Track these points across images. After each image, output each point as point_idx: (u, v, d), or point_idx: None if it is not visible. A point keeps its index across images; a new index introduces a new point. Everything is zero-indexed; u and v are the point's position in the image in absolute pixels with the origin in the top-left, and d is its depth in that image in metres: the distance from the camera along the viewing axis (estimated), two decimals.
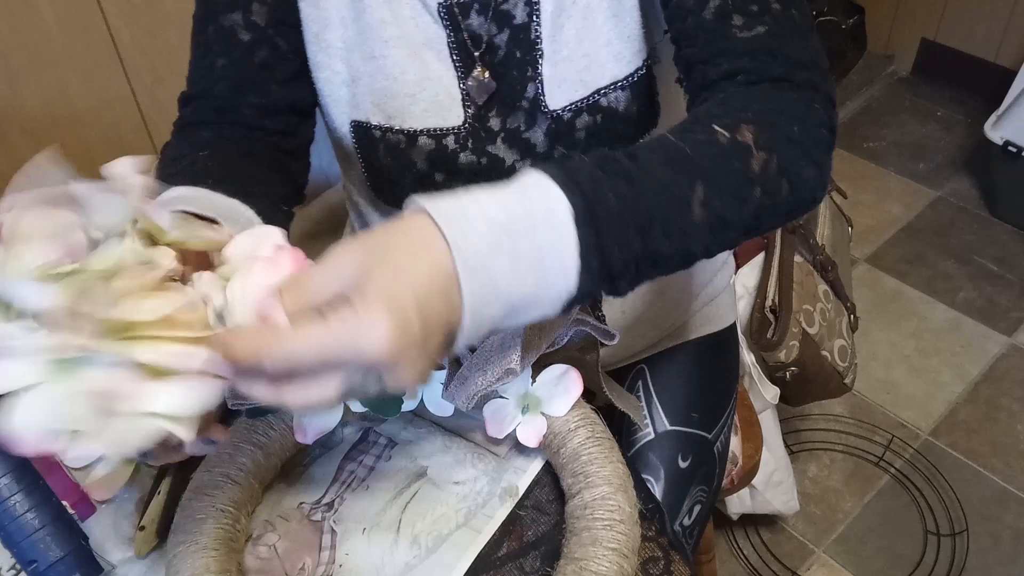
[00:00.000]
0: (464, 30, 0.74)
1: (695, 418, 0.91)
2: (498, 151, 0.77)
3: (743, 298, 1.11)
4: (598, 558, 0.56)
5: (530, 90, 0.75)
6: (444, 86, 0.75)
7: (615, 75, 0.73)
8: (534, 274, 0.49)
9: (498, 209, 0.49)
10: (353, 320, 0.44)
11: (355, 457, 0.68)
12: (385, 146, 0.77)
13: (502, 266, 0.48)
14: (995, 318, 1.83)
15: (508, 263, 0.48)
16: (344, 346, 0.44)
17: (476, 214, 0.48)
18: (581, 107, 0.74)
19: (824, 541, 1.50)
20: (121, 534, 0.64)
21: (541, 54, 0.74)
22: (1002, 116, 1.92)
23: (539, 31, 0.73)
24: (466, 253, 0.47)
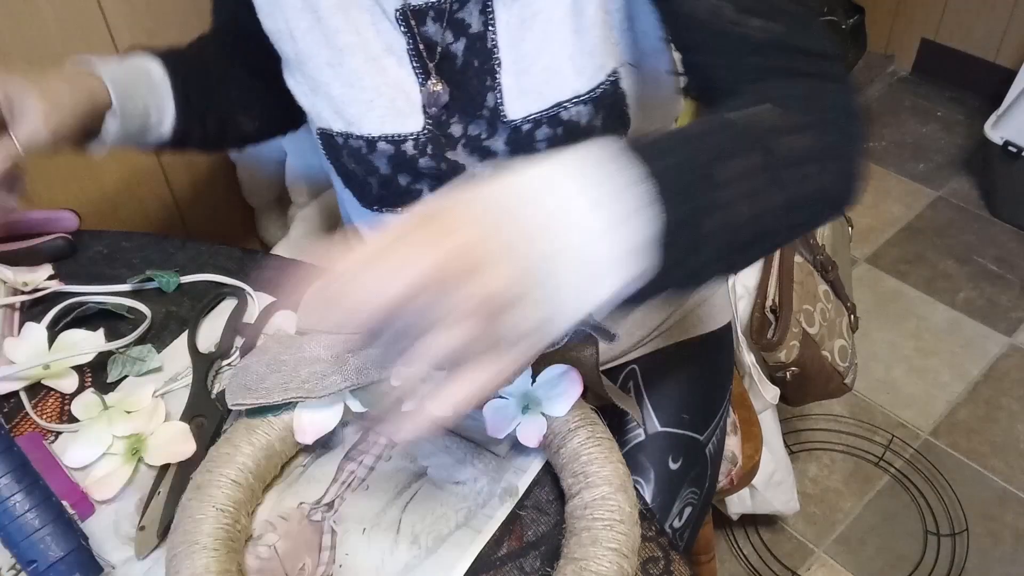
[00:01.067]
0: (419, 37, 0.74)
1: (686, 419, 0.91)
2: (457, 157, 0.76)
3: (743, 298, 1.11)
4: (598, 558, 0.56)
5: (490, 99, 0.74)
6: (404, 92, 0.75)
7: (577, 89, 0.72)
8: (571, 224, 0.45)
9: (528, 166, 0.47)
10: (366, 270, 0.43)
11: (355, 457, 0.68)
12: (348, 152, 0.78)
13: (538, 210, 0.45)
14: (995, 318, 1.83)
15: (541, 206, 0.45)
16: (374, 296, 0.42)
17: (508, 174, 0.47)
18: (541, 119, 0.73)
19: (824, 541, 1.50)
20: (121, 534, 0.64)
21: (499, 63, 0.73)
22: (1002, 116, 1.92)
23: (495, 40, 0.72)
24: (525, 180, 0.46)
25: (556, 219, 0.45)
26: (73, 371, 0.75)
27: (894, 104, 2.40)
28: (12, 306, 0.81)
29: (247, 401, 0.65)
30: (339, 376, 0.66)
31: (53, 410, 0.73)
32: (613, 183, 0.46)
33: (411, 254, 0.42)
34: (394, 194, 0.79)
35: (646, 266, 0.47)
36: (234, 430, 0.65)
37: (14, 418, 0.72)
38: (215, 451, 0.64)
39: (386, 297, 0.42)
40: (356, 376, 0.66)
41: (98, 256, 0.88)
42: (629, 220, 0.46)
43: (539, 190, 0.46)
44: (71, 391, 0.74)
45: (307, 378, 0.66)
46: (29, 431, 0.71)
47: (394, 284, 0.42)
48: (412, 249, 0.43)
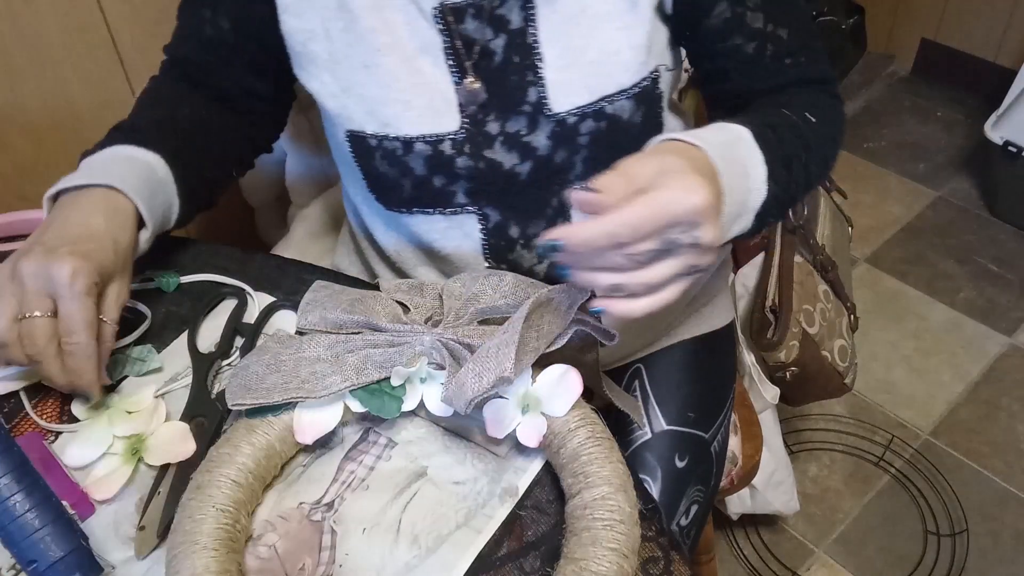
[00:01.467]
0: (459, 34, 0.74)
1: (692, 418, 0.91)
2: (495, 155, 0.77)
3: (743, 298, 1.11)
4: (598, 558, 0.56)
5: (532, 94, 0.75)
6: (440, 91, 0.75)
7: (622, 83, 0.74)
8: (743, 179, 0.65)
9: (712, 135, 0.64)
10: (676, 184, 0.54)
11: (355, 457, 0.68)
12: (382, 154, 0.77)
13: (730, 168, 0.62)
14: (995, 318, 1.83)
15: (731, 167, 0.62)
16: (676, 199, 0.53)
17: (703, 135, 0.63)
18: (587, 112, 0.74)
19: (824, 541, 1.50)
20: (121, 534, 0.64)
21: (540, 58, 0.74)
22: (1002, 116, 1.92)
23: (536, 35, 0.73)
24: (714, 156, 0.61)
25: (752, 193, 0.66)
26: None
27: (894, 104, 2.40)
28: None
29: (247, 401, 0.65)
30: (339, 376, 0.66)
31: (53, 410, 0.73)
32: (762, 167, 0.67)
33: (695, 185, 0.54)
34: (427, 195, 0.79)
35: (745, 227, 0.68)
36: (234, 430, 0.65)
37: (14, 418, 0.72)
38: (215, 451, 0.64)
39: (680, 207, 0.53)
40: (356, 376, 0.66)
41: None
42: (764, 185, 0.67)
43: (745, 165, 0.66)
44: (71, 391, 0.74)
45: (307, 378, 0.66)
46: (29, 431, 0.71)
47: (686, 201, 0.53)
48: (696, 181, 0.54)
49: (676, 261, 0.56)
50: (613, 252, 0.54)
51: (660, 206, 0.53)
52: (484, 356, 0.62)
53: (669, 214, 0.53)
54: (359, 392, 0.67)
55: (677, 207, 0.53)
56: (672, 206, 0.53)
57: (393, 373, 0.67)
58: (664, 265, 0.55)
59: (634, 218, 0.53)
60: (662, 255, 0.55)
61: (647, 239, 0.54)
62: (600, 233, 0.53)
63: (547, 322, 0.65)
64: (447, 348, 0.67)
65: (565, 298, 0.66)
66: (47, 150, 1.19)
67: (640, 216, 0.53)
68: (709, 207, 0.54)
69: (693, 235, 0.54)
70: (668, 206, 0.53)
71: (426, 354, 0.68)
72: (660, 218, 0.53)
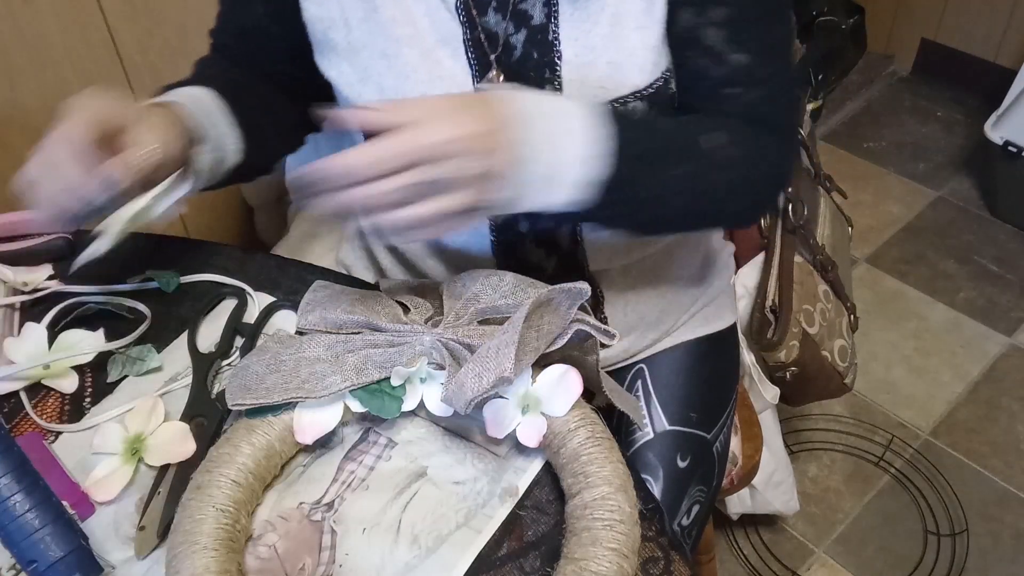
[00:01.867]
0: (480, 27, 0.74)
1: (694, 418, 0.91)
2: None
3: (743, 298, 1.11)
4: (598, 558, 0.56)
5: (548, 92, 0.75)
6: (457, 84, 0.75)
7: (637, 85, 0.73)
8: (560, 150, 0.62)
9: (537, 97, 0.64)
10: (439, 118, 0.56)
11: (355, 457, 0.68)
12: None
13: (541, 130, 0.61)
14: (995, 318, 1.83)
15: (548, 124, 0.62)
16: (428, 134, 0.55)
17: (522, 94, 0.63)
18: None
19: (824, 541, 1.50)
20: (121, 534, 0.64)
21: (560, 56, 0.74)
22: (1002, 116, 1.92)
23: (557, 32, 0.73)
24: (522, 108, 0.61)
25: (557, 139, 0.62)
26: (73, 371, 0.75)
27: (894, 104, 2.40)
28: (12, 306, 0.81)
29: (247, 401, 0.65)
30: (339, 376, 0.66)
31: (53, 410, 0.73)
32: (600, 133, 0.63)
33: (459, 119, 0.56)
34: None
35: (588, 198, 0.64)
36: (234, 430, 0.65)
37: (14, 418, 0.72)
38: (215, 451, 0.64)
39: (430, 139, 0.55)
40: (356, 376, 0.66)
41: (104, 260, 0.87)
42: (595, 162, 0.63)
43: (558, 114, 0.63)
44: (71, 391, 0.74)
45: (307, 378, 0.66)
46: (29, 431, 0.71)
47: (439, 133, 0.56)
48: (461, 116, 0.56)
49: (451, 198, 0.58)
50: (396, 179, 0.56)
51: (416, 134, 0.55)
52: (484, 356, 0.62)
53: (425, 143, 0.55)
54: (359, 392, 0.67)
55: (433, 136, 0.55)
56: (427, 135, 0.55)
57: (393, 373, 0.67)
58: (436, 202, 0.57)
59: (393, 145, 0.55)
60: (434, 190, 0.57)
61: (408, 169, 0.56)
62: (360, 160, 0.55)
63: (547, 322, 0.65)
64: (447, 348, 0.67)
65: (565, 298, 0.66)
66: None
67: (399, 143, 0.55)
68: (468, 138, 0.56)
69: (460, 165, 0.56)
70: (423, 135, 0.55)
71: (426, 354, 0.68)
72: (416, 147, 0.55)
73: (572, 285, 0.65)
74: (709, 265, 0.96)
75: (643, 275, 0.88)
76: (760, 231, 1.12)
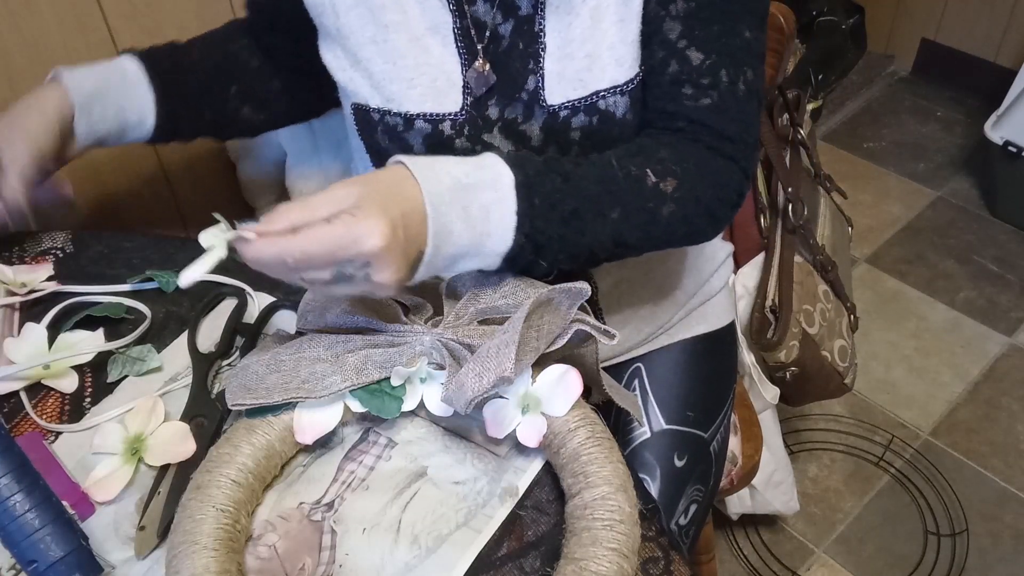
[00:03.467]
0: (469, 16, 0.75)
1: (691, 417, 0.91)
2: (494, 140, 0.77)
3: (743, 298, 1.11)
4: (598, 558, 0.56)
5: (531, 83, 0.75)
6: (445, 72, 0.76)
7: (615, 79, 0.73)
8: (481, 224, 0.62)
9: (458, 169, 0.62)
10: (357, 220, 0.56)
11: (355, 457, 0.68)
12: (383, 128, 0.78)
13: (457, 212, 0.61)
14: (995, 318, 1.83)
15: (461, 210, 0.61)
16: (348, 240, 0.56)
17: (442, 169, 0.62)
18: (579, 106, 0.74)
19: (824, 541, 1.50)
20: (121, 534, 0.64)
21: (544, 47, 0.74)
22: (1002, 116, 1.92)
23: (543, 24, 0.74)
24: (432, 195, 0.60)
25: (490, 238, 0.63)
26: (73, 371, 0.75)
27: (894, 104, 2.40)
28: (12, 306, 0.81)
29: (247, 401, 0.65)
30: (339, 376, 0.66)
31: (53, 410, 0.73)
32: (512, 217, 0.63)
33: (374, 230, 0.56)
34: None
35: (516, 261, 0.65)
36: (234, 430, 0.65)
37: (14, 418, 0.72)
38: (215, 451, 0.64)
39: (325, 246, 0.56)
40: (356, 376, 0.66)
41: (98, 256, 0.88)
42: (514, 233, 0.64)
43: (486, 211, 0.62)
44: (71, 391, 0.74)
45: (307, 378, 0.66)
46: (29, 431, 0.71)
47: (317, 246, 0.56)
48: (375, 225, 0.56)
49: (350, 287, 0.60)
50: (287, 273, 0.58)
51: (331, 241, 0.56)
52: (484, 356, 0.62)
53: (339, 251, 0.56)
54: (359, 392, 0.67)
55: (349, 248, 0.56)
56: (343, 245, 0.56)
57: (393, 373, 0.67)
58: (338, 289, 0.60)
59: (303, 247, 0.56)
60: (338, 281, 0.59)
61: (318, 269, 0.58)
62: (270, 254, 0.57)
63: (547, 322, 0.65)
64: (447, 348, 0.67)
65: (565, 298, 0.66)
66: None
67: (309, 247, 0.56)
68: (379, 252, 0.56)
69: (366, 272, 0.58)
70: (339, 243, 0.56)
71: (426, 354, 0.68)
72: (330, 252, 0.56)
73: (572, 285, 0.65)
74: (706, 262, 0.96)
75: (638, 267, 0.88)
76: (760, 231, 1.12)
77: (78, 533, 0.60)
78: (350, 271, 0.58)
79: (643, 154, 0.70)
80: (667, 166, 0.69)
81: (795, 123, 1.15)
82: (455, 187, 0.61)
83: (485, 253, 0.64)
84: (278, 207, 0.58)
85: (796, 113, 1.15)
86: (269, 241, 0.57)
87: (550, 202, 0.64)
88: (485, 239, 0.63)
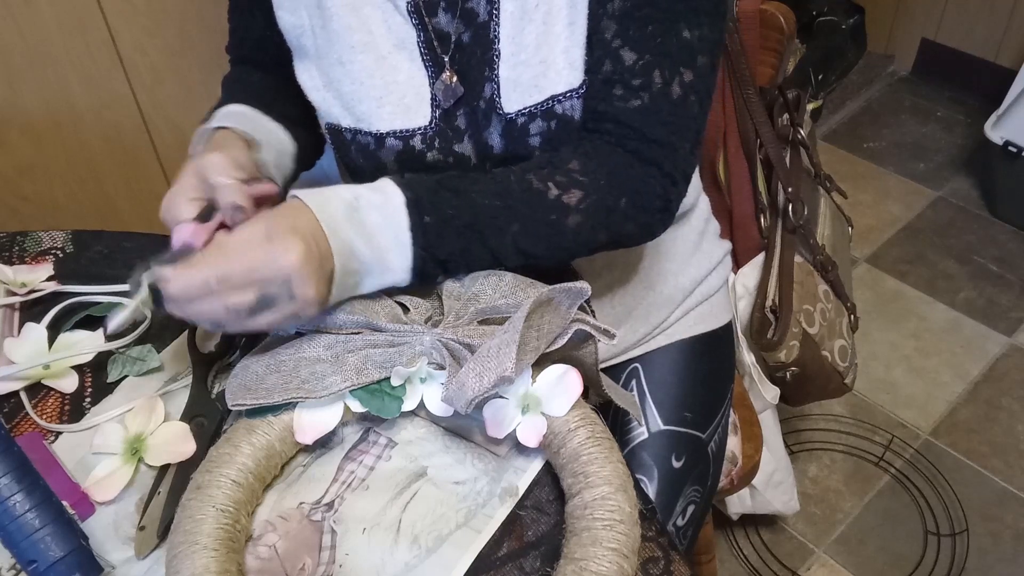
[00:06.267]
0: (431, 28, 0.74)
1: (689, 418, 0.91)
2: (464, 150, 0.77)
3: (743, 298, 1.11)
4: (598, 558, 0.56)
5: (487, 90, 0.74)
6: (413, 87, 0.76)
7: (570, 82, 0.72)
8: (377, 242, 0.65)
9: (349, 193, 0.66)
10: (271, 241, 0.60)
11: (355, 457, 0.68)
12: (356, 147, 0.78)
13: (354, 231, 0.64)
14: (995, 318, 1.83)
15: (359, 226, 0.65)
16: (267, 259, 0.59)
17: (332, 195, 0.65)
18: (535, 112, 0.73)
19: (824, 541, 1.50)
20: (121, 534, 0.64)
21: (498, 54, 0.73)
22: (1002, 116, 1.92)
23: (497, 31, 0.73)
24: (326, 215, 0.63)
25: (390, 253, 0.66)
26: (73, 371, 0.75)
27: (894, 104, 2.40)
28: (12, 306, 0.81)
29: (247, 401, 0.65)
30: (339, 376, 0.66)
31: (53, 410, 0.73)
32: (406, 234, 0.66)
33: (287, 247, 0.60)
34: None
35: (401, 281, 0.68)
36: (234, 430, 0.65)
37: (14, 418, 0.72)
38: (215, 451, 0.64)
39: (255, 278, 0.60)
40: (356, 376, 0.66)
41: (98, 256, 0.88)
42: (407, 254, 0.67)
43: (379, 228, 0.66)
44: (71, 391, 0.74)
45: (307, 378, 0.66)
46: (29, 431, 0.71)
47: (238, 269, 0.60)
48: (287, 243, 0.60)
49: (274, 314, 0.62)
50: (212, 301, 0.60)
51: (249, 259, 0.60)
52: (484, 356, 0.62)
53: (260, 268, 0.59)
54: (359, 392, 0.67)
55: (268, 266, 0.59)
56: (263, 263, 0.59)
57: (393, 373, 0.67)
58: (263, 317, 0.62)
59: (223, 267, 0.59)
60: (262, 307, 0.61)
61: (241, 291, 0.60)
62: (193, 281, 0.59)
63: (547, 322, 0.65)
64: (447, 348, 0.67)
65: (565, 298, 0.66)
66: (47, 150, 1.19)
67: (228, 266, 0.59)
68: (298, 266, 0.59)
69: (288, 290, 0.61)
70: (258, 261, 0.60)
71: (426, 354, 0.68)
72: (249, 272, 0.59)
73: (572, 285, 0.65)
74: (702, 259, 0.96)
75: (628, 266, 0.88)
76: (760, 231, 1.12)
77: (78, 533, 0.60)
78: (273, 290, 0.61)
79: (551, 166, 0.70)
80: (572, 177, 0.69)
81: (795, 123, 1.15)
82: (347, 208, 0.65)
83: (393, 268, 0.67)
84: (197, 255, 0.62)
85: (796, 113, 1.15)
86: (190, 270, 0.60)
87: (442, 217, 0.67)
88: (387, 254, 0.66)
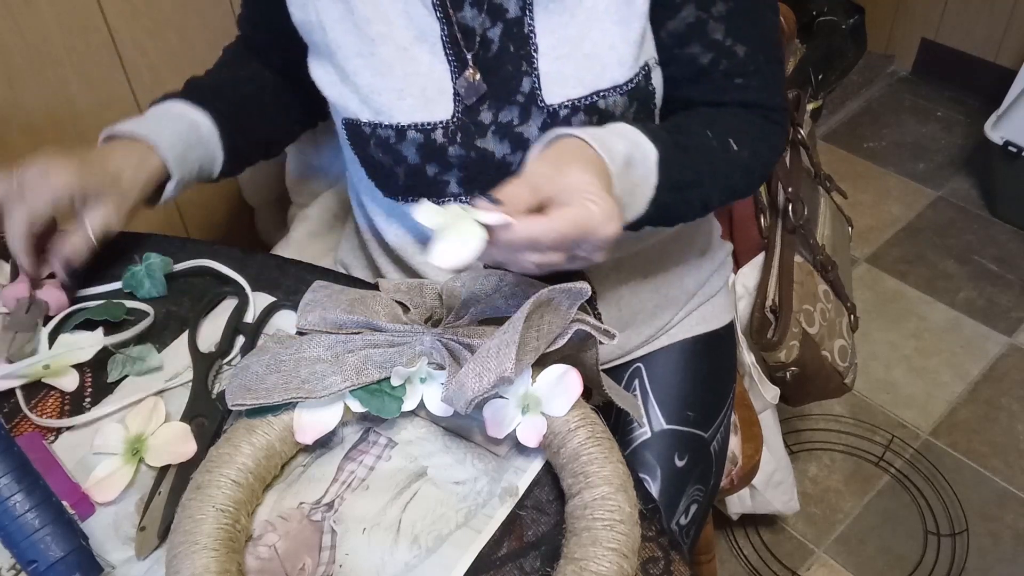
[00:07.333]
0: (456, 23, 0.74)
1: (691, 417, 0.91)
2: (487, 144, 0.77)
3: (743, 298, 1.11)
4: (598, 558, 0.56)
5: (525, 85, 0.75)
6: (434, 80, 0.76)
7: (616, 79, 0.74)
8: (628, 197, 0.68)
9: (623, 146, 0.67)
10: (600, 206, 0.59)
11: (355, 457, 0.68)
12: (376, 141, 0.78)
13: (621, 186, 0.66)
14: (995, 318, 1.83)
15: (623, 184, 0.66)
16: (596, 222, 0.59)
17: (613, 146, 0.66)
18: (579, 106, 0.74)
19: (824, 541, 1.50)
20: (121, 534, 0.64)
21: (536, 48, 0.74)
22: (1002, 116, 1.92)
23: (532, 25, 0.74)
24: (614, 172, 0.65)
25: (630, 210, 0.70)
26: (73, 370, 0.75)
27: (894, 104, 2.40)
28: None
29: (247, 401, 0.65)
30: (339, 376, 0.66)
31: (53, 409, 0.73)
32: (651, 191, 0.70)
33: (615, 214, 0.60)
34: (421, 184, 0.79)
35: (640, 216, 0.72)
36: (234, 430, 0.65)
37: (14, 418, 0.72)
38: (215, 451, 0.64)
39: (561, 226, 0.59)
40: (356, 376, 0.66)
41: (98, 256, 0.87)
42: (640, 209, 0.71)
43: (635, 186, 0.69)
44: (71, 389, 0.74)
45: (307, 378, 0.66)
46: (29, 431, 0.71)
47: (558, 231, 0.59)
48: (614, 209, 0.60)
49: (567, 265, 0.63)
50: (531, 255, 0.60)
51: (583, 222, 0.59)
52: (484, 356, 0.62)
53: (588, 233, 0.59)
54: (359, 392, 0.67)
55: (596, 231, 0.59)
56: (592, 228, 0.59)
57: (393, 373, 0.67)
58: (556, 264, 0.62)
59: (559, 228, 0.58)
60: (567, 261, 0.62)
61: (561, 253, 0.61)
62: (526, 236, 0.58)
63: (547, 322, 0.65)
64: (447, 348, 0.67)
65: (565, 298, 0.66)
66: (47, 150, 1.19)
67: (564, 229, 0.58)
68: (616, 234, 0.60)
69: (594, 252, 0.62)
70: (588, 224, 0.59)
71: (426, 354, 0.68)
72: (582, 235, 0.59)
73: (572, 285, 0.65)
74: (706, 262, 0.96)
75: (636, 269, 0.88)
76: (760, 231, 1.12)
77: (78, 533, 0.60)
78: (581, 252, 0.61)
79: (719, 123, 0.77)
80: (741, 136, 0.77)
81: (795, 123, 1.15)
82: (623, 163, 0.66)
83: (633, 211, 0.70)
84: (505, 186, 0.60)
85: (796, 113, 1.15)
86: (528, 223, 0.58)
87: (675, 175, 0.71)
88: (626, 211, 0.68)
